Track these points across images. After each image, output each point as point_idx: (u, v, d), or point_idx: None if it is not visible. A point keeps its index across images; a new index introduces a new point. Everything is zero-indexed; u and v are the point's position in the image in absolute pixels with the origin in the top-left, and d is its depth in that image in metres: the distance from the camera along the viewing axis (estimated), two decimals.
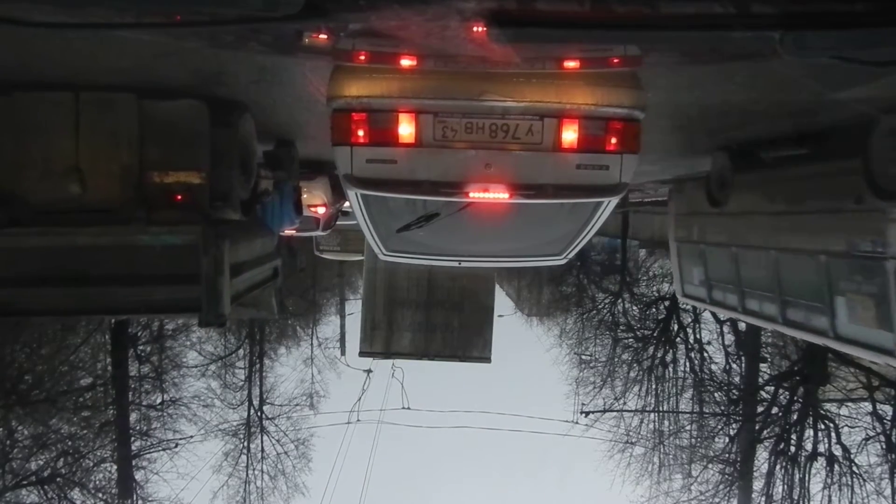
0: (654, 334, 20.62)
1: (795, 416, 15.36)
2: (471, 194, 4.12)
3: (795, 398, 15.49)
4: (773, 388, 15.92)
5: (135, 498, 16.27)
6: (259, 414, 21.56)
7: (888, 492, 13.76)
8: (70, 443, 15.18)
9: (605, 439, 19.05)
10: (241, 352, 22.45)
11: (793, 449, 15.18)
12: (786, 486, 15.06)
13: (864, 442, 14.32)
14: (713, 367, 19.00)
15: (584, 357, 22.61)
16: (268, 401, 22.08)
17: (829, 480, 14.49)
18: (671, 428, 18.88)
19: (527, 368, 31.67)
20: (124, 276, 5.81)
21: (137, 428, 17.70)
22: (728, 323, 18.83)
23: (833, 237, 6.23)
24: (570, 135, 4.03)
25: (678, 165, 10.33)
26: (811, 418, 15.12)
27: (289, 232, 10.16)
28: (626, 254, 24.98)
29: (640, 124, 4.05)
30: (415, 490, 51.95)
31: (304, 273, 23.85)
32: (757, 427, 15.46)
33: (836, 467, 14.46)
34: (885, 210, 5.51)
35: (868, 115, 5.44)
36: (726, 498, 15.82)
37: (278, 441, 21.15)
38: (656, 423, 19.30)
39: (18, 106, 5.64)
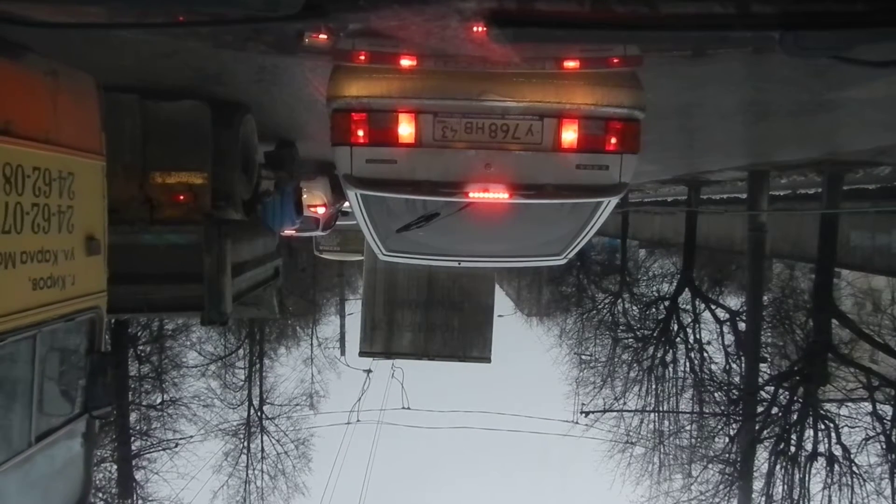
0: (654, 334, 20.62)
1: (795, 416, 15.32)
2: (471, 194, 4.10)
3: (795, 398, 15.46)
4: (773, 388, 15.89)
5: (135, 498, 16.27)
6: (259, 414, 21.57)
7: (888, 492, 13.76)
8: None
9: (605, 439, 19.07)
10: (241, 352, 22.46)
11: (793, 449, 15.15)
12: (786, 486, 15.05)
13: (864, 442, 14.30)
14: (713, 367, 19.02)
15: (584, 357, 22.65)
16: (268, 401, 22.10)
17: (829, 480, 14.47)
18: (671, 428, 18.90)
19: (527, 368, 31.65)
20: (128, 275, 5.82)
21: (137, 428, 17.70)
22: (728, 323, 18.85)
23: None
24: (569, 135, 4.02)
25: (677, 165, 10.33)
26: (811, 418, 15.09)
27: (289, 232, 10.17)
28: (626, 254, 25.01)
29: (640, 124, 4.05)
30: (415, 490, 51.84)
31: (305, 273, 23.85)
32: (757, 427, 15.41)
33: (836, 467, 14.44)
34: None
35: None
36: (726, 498, 15.80)
37: (278, 441, 21.19)
38: (656, 423, 19.32)
39: None
